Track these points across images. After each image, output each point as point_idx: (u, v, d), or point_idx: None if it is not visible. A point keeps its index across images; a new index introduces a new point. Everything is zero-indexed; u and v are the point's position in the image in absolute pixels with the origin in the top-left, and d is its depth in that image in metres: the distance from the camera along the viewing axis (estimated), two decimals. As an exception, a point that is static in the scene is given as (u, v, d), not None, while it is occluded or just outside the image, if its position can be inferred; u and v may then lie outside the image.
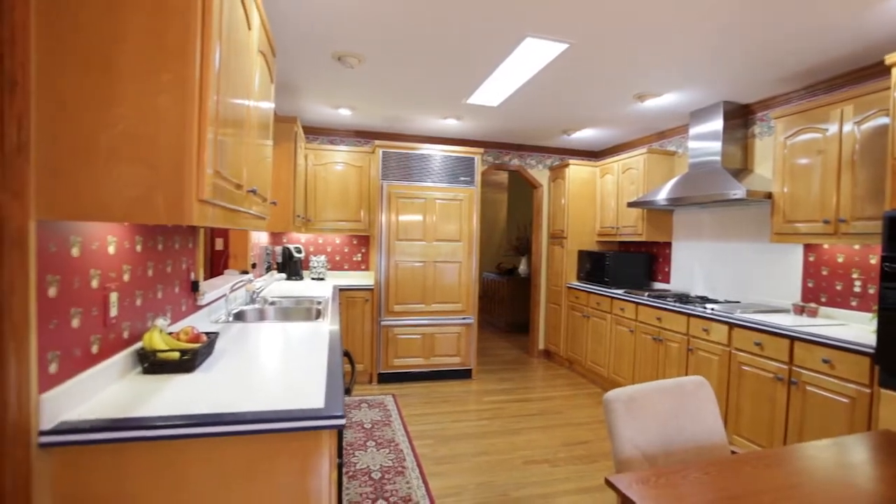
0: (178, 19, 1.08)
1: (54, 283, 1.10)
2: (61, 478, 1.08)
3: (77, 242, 1.20)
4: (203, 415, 1.17)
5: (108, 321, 1.35)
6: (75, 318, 1.20)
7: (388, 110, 4.35)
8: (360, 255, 5.26)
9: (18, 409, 0.97)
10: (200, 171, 1.10)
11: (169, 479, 1.15)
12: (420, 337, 4.63)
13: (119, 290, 1.42)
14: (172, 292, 1.89)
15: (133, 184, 1.05)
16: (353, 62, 3.12)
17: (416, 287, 4.61)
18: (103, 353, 1.34)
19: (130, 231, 1.50)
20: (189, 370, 1.51)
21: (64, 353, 1.15)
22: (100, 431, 1.08)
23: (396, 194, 4.56)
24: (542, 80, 3.38)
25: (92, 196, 1.04)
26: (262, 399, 1.29)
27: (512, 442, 3.39)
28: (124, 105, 1.05)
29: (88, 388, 1.23)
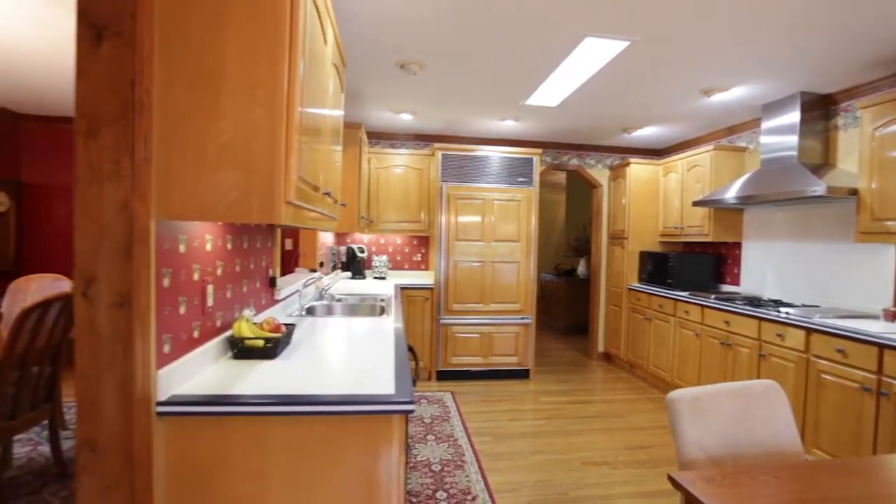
0: (270, 42, 1.21)
1: (167, 275, 1.27)
2: (172, 443, 1.24)
3: (184, 240, 1.37)
4: (288, 395, 1.29)
5: (206, 310, 1.53)
6: (182, 305, 1.37)
7: (448, 113, 4.45)
8: (420, 255, 5.41)
9: (143, 382, 1.13)
10: (288, 176, 1.22)
11: (257, 451, 1.28)
12: (478, 336, 4.70)
13: (214, 283, 1.59)
14: (254, 287, 2.07)
15: (233, 187, 1.20)
16: (415, 69, 3.24)
17: (474, 286, 4.68)
18: (202, 338, 1.52)
19: (223, 231, 1.68)
20: (271, 357, 1.66)
21: (174, 335, 1.32)
22: (204, 405, 1.23)
23: (455, 195, 4.65)
24: (601, 78, 3.34)
25: (199, 198, 1.19)
26: (338, 384, 1.40)
27: (570, 443, 3.37)
28: (226, 119, 1.20)
29: (192, 367, 1.40)
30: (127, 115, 1.07)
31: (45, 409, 2.52)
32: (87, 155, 1.07)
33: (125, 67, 1.07)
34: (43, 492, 2.48)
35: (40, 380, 2.46)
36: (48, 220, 4.90)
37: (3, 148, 4.65)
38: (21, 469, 2.71)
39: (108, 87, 1.07)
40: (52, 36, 2.82)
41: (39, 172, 4.88)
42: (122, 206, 1.08)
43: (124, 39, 1.08)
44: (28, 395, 2.37)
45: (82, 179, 1.07)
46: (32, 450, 2.95)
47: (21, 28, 2.72)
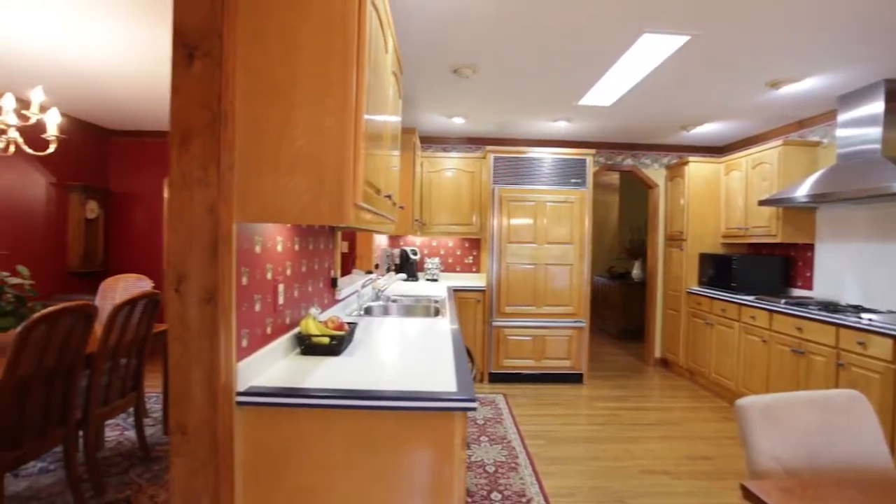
0: (339, 55, 1.28)
1: (245, 273, 1.37)
2: (249, 431, 1.33)
3: (259, 241, 1.47)
4: (354, 390, 1.36)
5: (278, 308, 1.62)
6: (257, 303, 1.47)
7: (500, 116, 4.46)
8: (472, 258, 5.44)
9: (226, 372, 1.22)
10: (356, 180, 1.29)
11: (323, 443, 1.35)
12: (530, 339, 4.66)
13: (284, 283, 1.69)
14: (318, 287, 2.17)
15: (305, 191, 1.27)
16: (467, 73, 3.28)
17: (526, 289, 4.65)
18: (274, 334, 1.61)
19: (291, 233, 1.78)
20: (336, 353, 1.74)
21: (251, 331, 1.42)
22: (278, 396, 1.31)
23: (507, 198, 4.65)
24: (659, 75, 3.25)
25: (275, 202, 1.28)
26: (400, 381, 1.45)
27: (627, 450, 3.28)
28: (299, 127, 1.28)
29: (265, 361, 1.50)
30: (214, 126, 1.17)
31: (131, 398, 2.75)
32: (180, 163, 1.17)
33: (213, 83, 1.17)
34: (130, 472, 2.71)
35: (128, 371, 2.69)
36: (130, 225, 5.33)
37: (95, 161, 5.11)
38: (111, 451, 2.97)
39: (198, 101, 1.17)
40: (139, 56, 3.08)
41: (124, 182, 5.33)
42: (209, 210, 1.17)
43: (212, 58, 1.18)
44: (118, 384, 2.60)
45: (175, 185, 1.18)
46: (120, 434, 3.22)
47: (112, 50, 3.00)
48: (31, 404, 2.02)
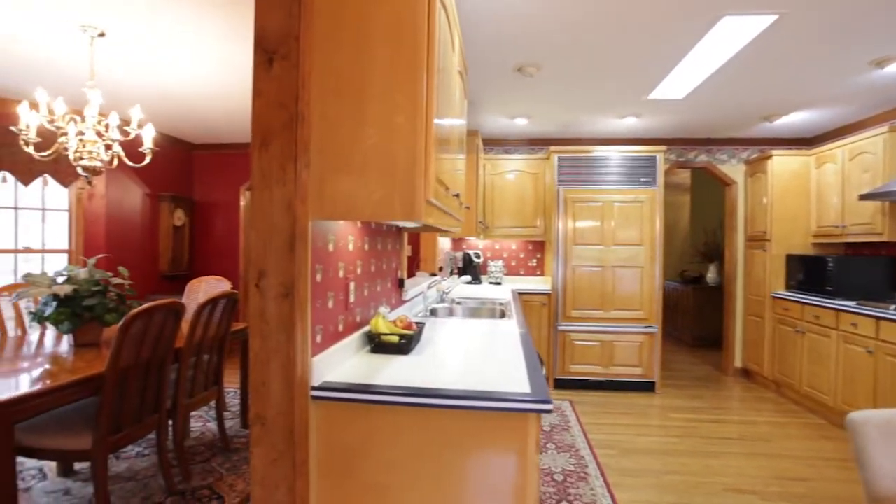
0: (409, 54, 1.29)
1: (319, 271, 1.40)
2: (322, 426, 1.36)
3: (332, 240, 1.50)
4: (425, 388, 1.34)
5: (349, 305, 1.65)
6: (330, 300, 1.50)
7: (564, 115, 4.35)
8: (536, 261, 5.33)
9: (302, 366, 1.25)
10: (428, 176, 1.28)
11: (394, 441, 1.34)
12: (598, 344, 4.48)
13: (355, 281, 1.72)
14: (386, 287, 2.20)
15: (377, 188, 1.29)
16: (532, 71, 3.22)
17: (593, 292, 4.48)
18: (345, 332, 1.64)
19: (361, 232, 1.81)
20: (405, 352, 1.74)
21: (325, 327, 1.45)
22: (351, 392, 1.33)
23: (573, 199, 4.51)
24: (739, 62, 3.02)
25: (348, 199, 1.30)
26: (471, 381, 1.42)
27: (707, 465, 3.05)
28: (371, 125, 1.30)
29: (337, 357, 1.52)
30: (291, 126, 1.21)
31: (213, 391, 2.93)
32: (261, 163, 1.22)
33: (290, 84, 1.21)
34: (212, 461, 2.87)
35: (209, 366, 2.86)
36: (211, 231, 5.72)
37: (182, 172, 5.54)
38: (196, 440, 3.18)
39: (277, 103, 1.22)
40: (222, 71, 3.30)
41: (205, 192, 5.73)
42: (287, 207, 1.21)
43: (289, 61, 1.22)
44: (201, 377, 2.77)
45: (256, 185, 1.23)
46: (203, 425, 3.44)
47: (198, 71, 3.23)
48: (129, 393, 2.20)
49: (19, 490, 2.56)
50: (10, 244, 4.28)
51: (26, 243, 4.39)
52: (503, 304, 3.38)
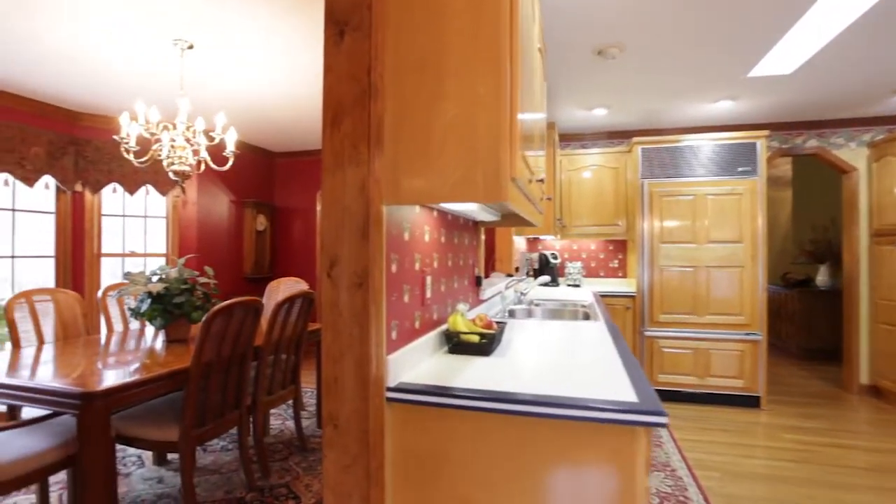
0: (490, 17, 1.15)
1: (395, 261, 1.29)
2: (398, 430, 1.24)
3: (407, 228, 1.39)
4: (513, 393, 1.18)
5: (425, 301, 1.53)
6: (406, 294, 1.39)
7: (648, 103, 4.01)
8: (617, 261, 4.97)
9: (377, 364, 1.15)
10: (513, 149, 1.13)
11: (477, 450, 1.19)
12: (691, 352, 4.06)
13: (431, 275, 1.60)
14: (463, 284, 2.07)
15: (458, 166, 1.15)
16: (614, 52, 2.97)
17: (685, 295, 4.07)
18: (422, 329, 1.53)
19: (438, 223, 1.69)
20: (486, 353, 1.59)
21: (400, 323, 1.34)
22: (429, 394, 1.20)
23: (659, 193, 4.15)
24: (865, 23, 2.57)
25: (426, 179, 1.18)
26: (563, 386, 1.24)
27: (838, 499, 2.59)
28: (449, 98, 1.17)
29: (413, 357, 1.40)
30: (364, 100, 1.12)
31: (291, 390, 2.95)
32: (332, 143, 1.14)
33: (362, 56, 1.12)
34: (289, 460, 2.89)
35: (287, 364, 2.89)
36: (290, 235, 5.94)
37: (263, 179, 5.82)
38: (275, 438, 3.23)
39: (348, 76, 1.13)
40: (297, 79, 3.38)
41: (285, 197, 5.97)
42: (361, 189, 1.12)
43: (362, 32, 1.13)
44: (279, 376, 2.80)
45: (328, 167, 1.15)
46: (282, 423, 3.50)
47: (279, 80, 3.32)
48: (211, 388, 2.24)
49: (121, 475, 2.71)
50: (119, 248, 4.67)
51: (131, 248, 4.78)
52: (585, 305, 3.13)
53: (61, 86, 3.54)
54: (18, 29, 2.62)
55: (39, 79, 3.38)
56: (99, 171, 4.35)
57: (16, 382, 1.92)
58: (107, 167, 4.37)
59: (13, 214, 4.00)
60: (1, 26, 2.58)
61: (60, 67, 3.16)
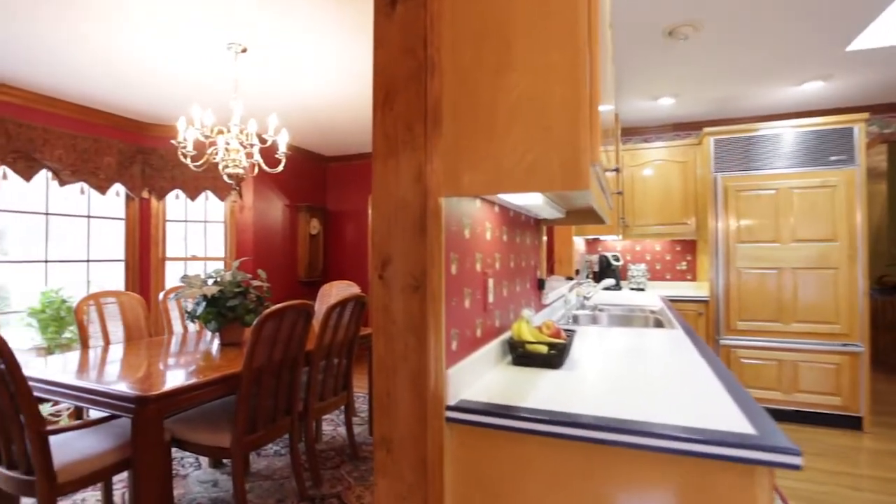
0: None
1: (454, 261, 1.14)
2: (458, 455, 1.08)
3: (467, 224, 1.24)
4: (599, 418, 1.00)
5: (487, 306, 1.37)
6: (467, 298, 1.23)
7: (722, 89, 3.66)
8: (686, 264, 4.59)
9: (436, 379, 1.00)
10: (594, 128, 0.95)
11: (556, 481, 1.01)
12: (775, 364, 3.64)
13: (493, 277, 1.44)
14: (525, 288, 1.89)
15: (529, 148, 0.98)
16: (687, 32, 2.69)
17: (767, 300, 3.67)
18: (483, 338, 1.36)
19: (500, 219, 1.53)
20: (555, 366, 1.40)
21: (461, 331, 1.18)
22: (498, 416, 1.03)
23: (735, 188, 3.76)
24: None
25: (491, 165, 1.02)
26: (656, 411, 1.04)
27: (975, 543, 2.18)
28: (517, 70, 1.00)
29: (475, 370, 1.24)
30: (419, 76, 0.98)
31: (342, 396, 2.87)
32: (384, 125, 1.01)
33: (417, 27, 0.98)
34: (341, 468, 2.81)
35: (339, 369, 2.81)
36: (342, 239, 5.96)
37: (316, 184, 5.88)
38: (327, 444, 3.17)
39: (401, 49, 0.99)
40: (348, 81, 3.32)
41: (337, 201, 6.00)
42: (417, 177, 0.97)
43: (415, 0, 0.99)
44: (331, 381, 2.72)
45: (379, 153, 1.01)
46: (334, 430, 3.44)
47: (330, 78, 3.29)
48: (263, 393, 2.18)
49: (179, 476, 2.73)
50: (181, 252, 4.84)
51: (193, 252, 4.94)
52: (655, 311, 2.85)
53: (129, 97, 3.67)
54: (92, 40, 2.71)
55: (109, 91, 3.53)
56: (163, 178, 4.51)
57: (76, 383, 1.93)
58: (170, 174, 4.53)
59: (88, 221, 4.21)
60: (73, 38, 2.68)
61: (127, 79, 3.27)
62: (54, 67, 3.13)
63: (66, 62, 3.03)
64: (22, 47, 2.82)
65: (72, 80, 3.35)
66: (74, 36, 2.67)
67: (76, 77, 3.28)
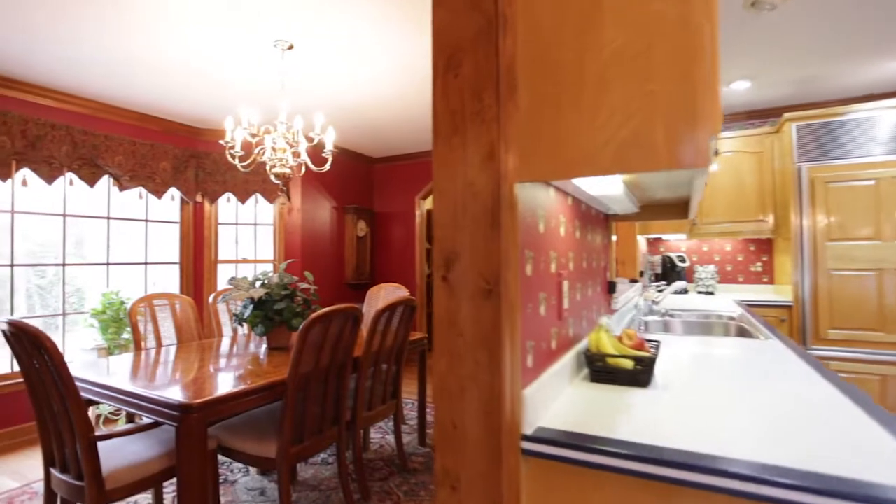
0: None
1: (529, 259, 0.95)
2: (540, 495, 0.89)
3: (542, 217, 1.05)
4: (735, 461, 0.78)
5: (562, 313, 1.17)
6: (542, 304, 1.04)
7: (806, 68, 3.27)
8: (761, 265, 4.17)
9: (512, 404, 0.81)
10: (714, 87, 0.73)
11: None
12: (877, 378, 3.20)
13: (568, 279, 1.24)
14: (595, 291, 1.67)
15: (626, 118, 0.79)
16: (775, 1, 2.38)
17: (865, 306, 3.23)
18: (558, 351, 1.17)
19: (572, 212, 1.32)
20: (642, 384, 1.19)
21: (536, 344, 1.00)
22: (586, 450, 0.83)
23: (823, 179, 3.35)
24: None
25: (576, 142, 0.83)
26: (790, 451, 0.81)
27: None
28: (611, 25, 0.81)
29: (551, 390, 1.05)
30: (489, 34, 0.80)
31: (391, 405, 2.73)
32: (446, 95, 0.84)
33: (486, -26, 0.81)
34: (390, 480, 2.67)
35: (388, 376, 2.67)
36: (389, 241, 5.87)
37: (363, 185, 5.83)
38: (375, 454, 3.04)
39: (467, 4, 0.82)
40: (396, 78, 3.20)
41: (384, 202, 5.93)
42: (488, 156, 0.80)
43: (483, -56, 0.81)
44: (380, 389, 2.59)
45: (440, 129, 0.85)
46: (382, 438, 3.31)
47: (377, 82, 3.18)
48: (310, 402, 2.07)
49: (227, 482, 2.68)
50: (232, 255, 4.90)
51: (243, 254, 4.99)
52: (734, 317, 2.54)
53: (181, 102, 3.72)
54: (135, 46, 2.73)
55: (163, 97, 3.58)
56: (215, 181, 4.57)
57: (121, 387, 1.89)
58: (222, 178, 4.59)
59: (146, 225, 4.32)
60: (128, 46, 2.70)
61: (179, 84, 3.29)
62: (114, 78, 3.20)
63: (125, 72, 3.10)
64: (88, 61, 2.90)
65: (130, 89, 3.43)
66: (131, 45, 2.69)
67: (133, 85, 3.35)
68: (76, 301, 3.96)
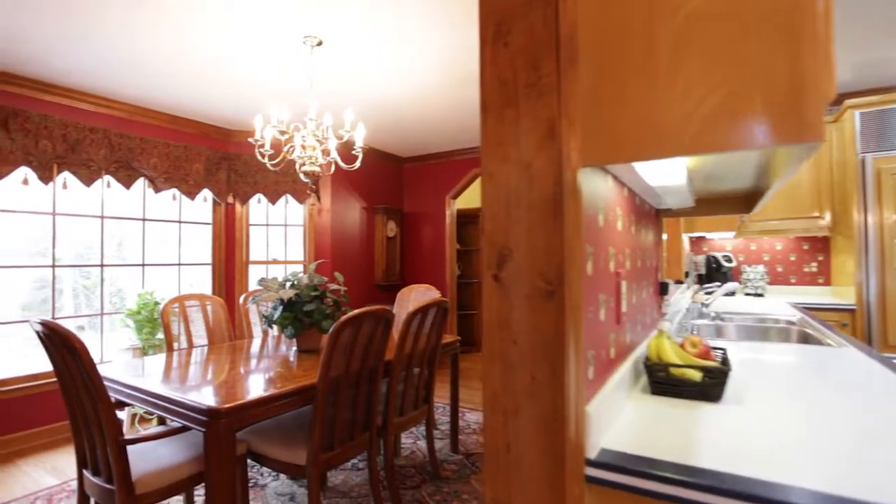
0: None
1: (590, 256, 0.83)
2: (604, 529, 0.77)
3: (601, 209, 0.92)
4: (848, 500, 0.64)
5: (620, 317, 1.05)
6: (602, 307, 0.92)
7: (867, 50, 3.01)
8: (816, 265, 3.89)
9: (576, 424, 0.69)
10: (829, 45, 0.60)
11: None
12: (954, 391, 2.91)
13: (626, 279, 1.11)
14: (649, 293, 1.53)
15: (711, 87, 0.66)
16: (841, -23, 2.17)
17: (942, 310, 2.95)
18: (616, 359, 1.04)
19: (628, 205, 1.19)
20: (713, 399, 1.05)
21: (596, 353, 0.87)
22: (661, 481, 0.71)
23: (890, 170, 3.09)
24: None
25: (649, 117, 0.70)
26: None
27: None
28: (693, -28, 0.68)
29: (613, 405, 0.92)
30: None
31: (423, 411, 2.63)
32: (496, 65, 0.73)
33: (543, -76, 0.69)
34: (422, 489, 2.57)
35: (420, 380, 2.58)
36: (419, 241, 5.80)
37: (393, 185, 5.78)
38: (406, 460, 2.95)
39: (522, -40, 0.71)
40: (429, 73, 3.12)
41: (414, 203, 5.86)
42: (546, 135, 0.69)
43: None
44: (412, 393, 2.50)
45: (489, 104, 0.74)
46: (413, 444, 3.22)
47: (407, 80, 3.10)
48: (340, 407, 1.99)
49: (258, 486, 2.63)
50: (263, 256, 4.91)
51: (274, 255, 5.00)
52: (794, 322, 2.34)
53: (212, 104, 3.74)
54: (167, 48, 2.72)
55: (196, 99, 3.60)
56: (246, 183, 4.59)
57: (150, 389, 1.86)
58: (252, 179, 4.60)
59: (179, 226, 4.37)
60: (156, 48, 2.71)
61: (210, 85, 3.29)
62: (148, 79, 3.23)
63: (158, 74, 3.12)
64: (123, 63, 2.93)
65: (163, 91, 3.45)
66: (162, 46, 2.68)
67: (166, 87, 3.37)
68: (118, 301, 4.03)
